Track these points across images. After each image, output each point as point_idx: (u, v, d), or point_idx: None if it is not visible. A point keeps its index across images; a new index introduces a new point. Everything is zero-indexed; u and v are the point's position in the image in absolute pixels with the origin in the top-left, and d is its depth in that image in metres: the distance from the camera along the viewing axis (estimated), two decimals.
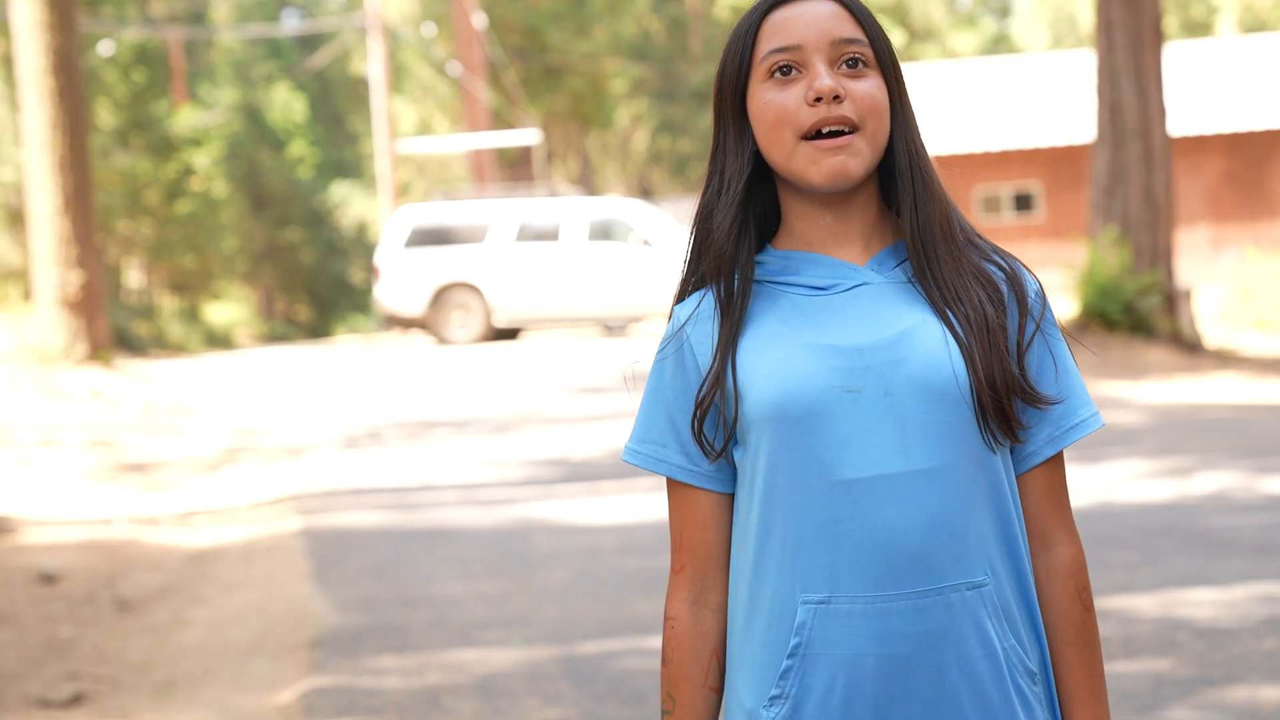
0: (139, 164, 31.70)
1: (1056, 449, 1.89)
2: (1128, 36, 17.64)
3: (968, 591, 1.82)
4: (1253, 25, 46.59)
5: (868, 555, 1.81)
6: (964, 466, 1.83)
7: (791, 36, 1.86)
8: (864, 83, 1.86)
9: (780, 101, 1.86)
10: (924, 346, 1.83)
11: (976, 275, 1.88)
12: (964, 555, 1.82)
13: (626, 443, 1.97)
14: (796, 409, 1.83)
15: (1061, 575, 1.89)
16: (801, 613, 1.82)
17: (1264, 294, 22.96)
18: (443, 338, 21.63)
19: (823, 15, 1.87)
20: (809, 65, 1.86)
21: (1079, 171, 28.83)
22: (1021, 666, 1.84)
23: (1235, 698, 4.85)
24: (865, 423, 1.82)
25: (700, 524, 1.92)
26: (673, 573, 1.94)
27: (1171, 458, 9.90)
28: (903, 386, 1.82)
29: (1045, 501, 1.90)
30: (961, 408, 1.83)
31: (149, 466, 11.02)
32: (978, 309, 1.85)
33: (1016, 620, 1.85)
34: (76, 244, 16.15)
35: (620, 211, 21.83)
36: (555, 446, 11.41)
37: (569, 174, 50.10)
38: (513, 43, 40.01)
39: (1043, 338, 1.89)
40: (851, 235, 1.91)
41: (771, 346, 1.86)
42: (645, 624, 6.10)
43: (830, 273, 1.89)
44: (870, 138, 1.86)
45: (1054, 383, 1.88)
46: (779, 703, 1.84)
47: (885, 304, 1.87)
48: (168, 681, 5.78)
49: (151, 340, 27.75)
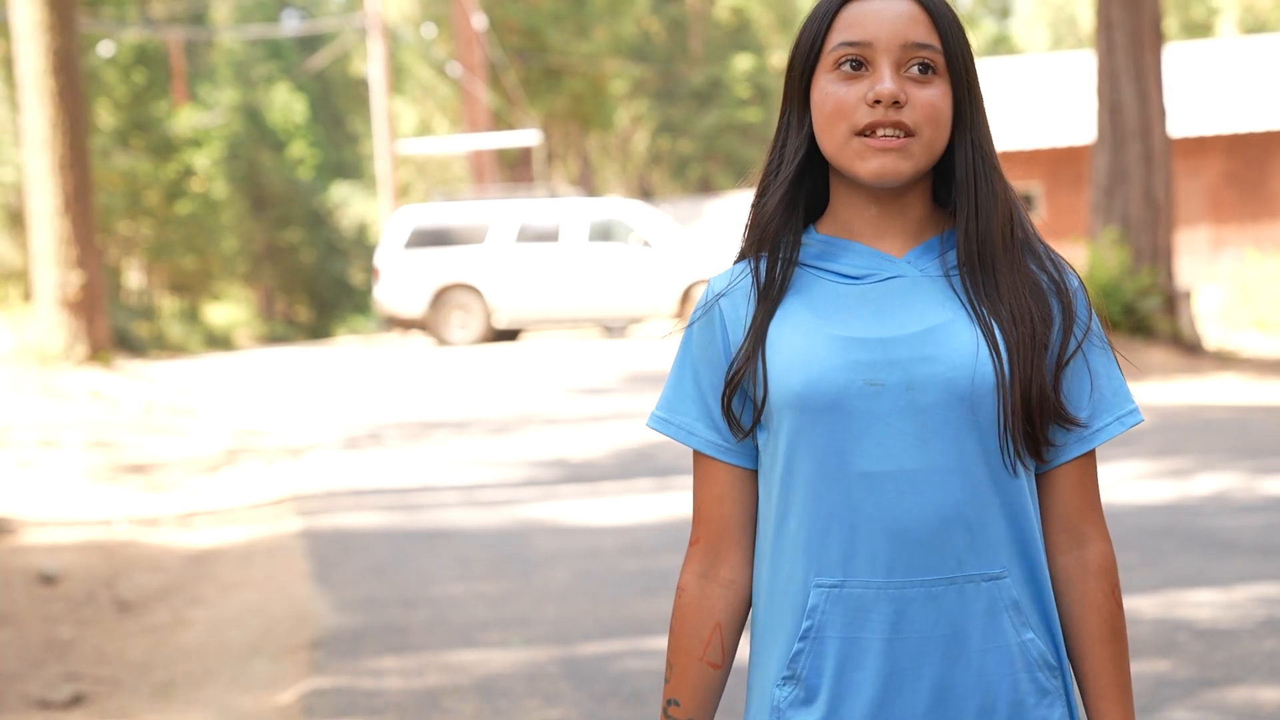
0: (139, 164, 31.70)
1: (1088, 447, 1.88)
2: (1128, 37, 17.64)
3: (984, 583, 1.82)
4: (1253, 26, 46.59)
5: (883, 542, 1.81)
6: (983, 464, 1.83)
7: (865, 32, 1.85)
8: (929, 90, 1.85)
9: (840, 95, 1.85)
10: (952, 345, 1.83)
11: (1030, 287, 1.87)
12: (981, 549, 1.82)
13: (654, 409, 1.98)
14: (817, 400, 1.83)
15: (1094, 571, 1.88)
16: (814, 596, 1.84)
17: (1264, 295, 22.96)
18: (443, 338, 21.62)
19: (899, 15, 1.85)
20: (876, 64, 1.84)
21: (1079, 172, 28.83)
22: (1041, 660, 1.84)
23: (1235, 699, 4.85)
24: (886, 416, 1.82)
25: (717, 497, 1.94)
26: (690, 543, 1.97)
27: (1171, 459, 9.89)
28: (926, 382, 1.82)
29: (1076, 498, 1.89)
30: (984, 411, 1.82)
31: (149, 467, 11.02)
32: (1027, 325, 1.84)
33: (1033, 615, 1.86)
34: (76, 244, 16.15)
35: (620, 212, 21.83)
36: (555, 447, 11.41)
37: (569, 175, 50.10)
38: (513, 43, 40.01)
39: (1083, 354, 1.88)
40: (895, 229, 1.90)
41: (799, 334, 1.86)
42: (646, 624, 6.10)
43: (866, 262, 1.89)
44: (926, 145, 1.85)
45: (1087, 402, 1.87)
46: (791, 683, 1.85)
47: (918, 298, 1.86)
48: (168, 682, 5.78)
49: (151, 341, 27.76)
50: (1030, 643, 1.84)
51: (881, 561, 1.81)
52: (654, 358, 17.53)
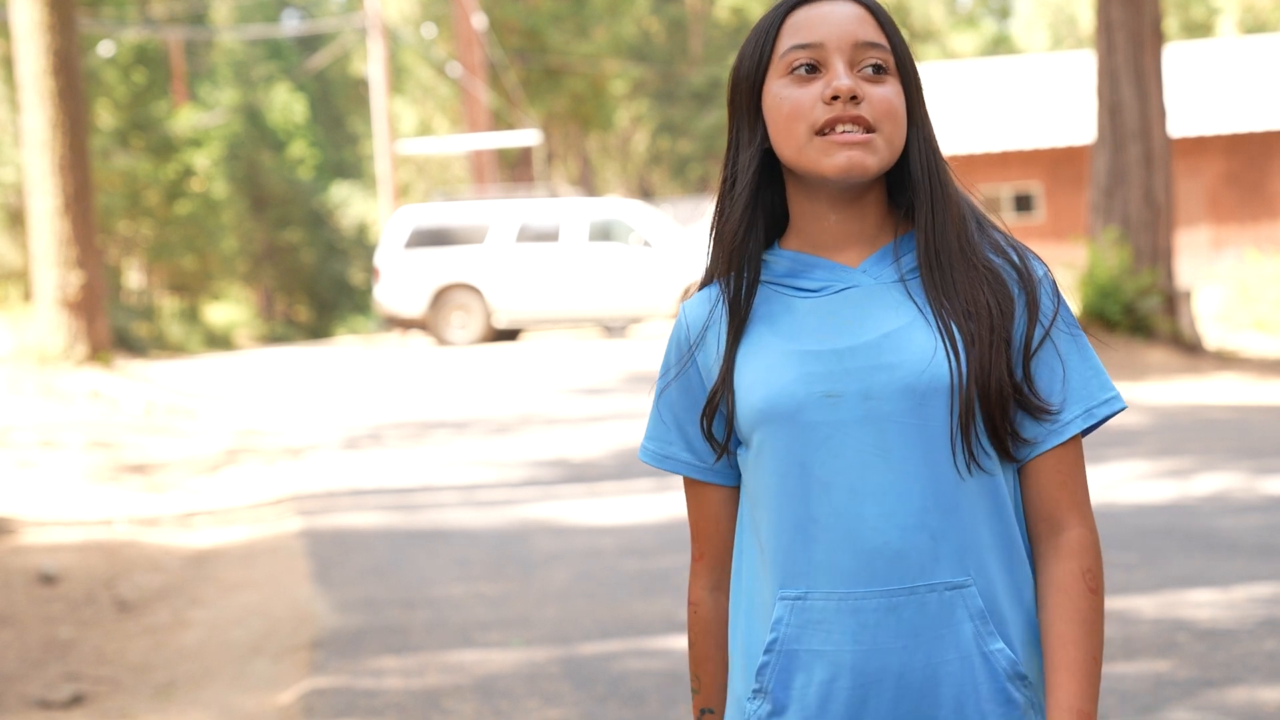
0: (139, 165, 31.70)
1: (1061, 438, 1.86)
2: (1128, 37, 17.64)
3: (946, 592, 1.81)
4: (1253, 26, 46.59)
5: (844, 553, 1.82)
6: (948, 470, 1.82)
7: (814, 34, 1.86)
8: (883, 88, 1.85)
9: (796, 97, 1.85)
10: (908, 350, 1.83)
11: (988, 279, 1.86)
12: (944, 556, 1.81)
13: (642, 441, 2.02)
14: (778, 415, 1.85)
15: (1065, 555, 1.85)
16: (779, 608, 1.85)
17: (1264, 295, 22.96)
18: (443, 339, 21.63)
19: (847, 17, 1.87)
20: (829, 64, 1.85)
21: (1079, 172, 28.83)
22: (1011, 671, 1.82)
23: (1235, 699, 4.85)
24: (844, 426, 1.82)
25: (713, 517, 1.98)
26: (693, 560, 2.00)
27: (1172, 459, 9.89)
28: (883, 390, 1.82)
29: (1054, 488, 1.87)
30: (942, 414, 1.82)
31: (149, 467, 11.02)
32: (985, 320, 1.83)
33: (1008, 624, 1.83)
34: (76, 245, 16.15)
35: (620, 212, 21.83)
36: (555, 447, 11.41)
37: (569, 175, 50.11)
38: (513, 44, 40.02)
39: (1051, 342, 1.86)
40: (854, 234, 1.90)
41: (762, 350, 1.88)
42: (645, 625, 6.10)
43: (825, 274, 1.90)
44: (888, 141, 1.85)
45: (1060, 389, 1.86)
46: (760, 697, 1.86)
47: (873, 306, 1.86)
48: (168, 682, 5.79)
49: (151, 341, 27.76)
50: (999, 653, 1.82)
51: (842, 573, 1.82)
52: (654, 358, 17.52)
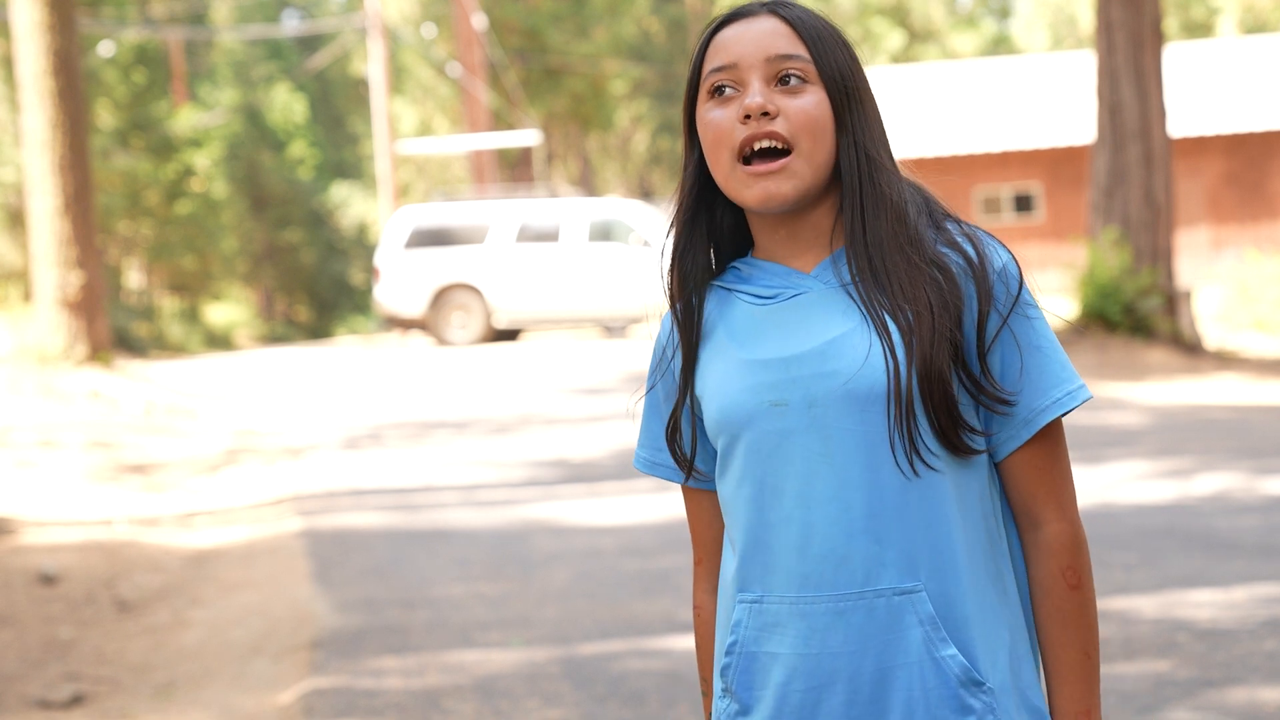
0: (139, 165, 31.70)
1: (1033, 431, 1.85)
2: (1128, 38, 17.64)
3: (895, 597, 1.81)
4: (1253, 26, 46.60)
5: (795, 558, 1.84)
6: (894, 475, 1.82)
7: (729, 55, 1.87)
8: (801, 99, 1.85)
9: (718, 120, 1.87)
10: (849, 356, 1.83)
11: (931, 277, 1.84)
12: (890, 562, 1.81)
13: (636, 449, 2.06)
14: (732, 425, 1.88)
15: (1045, 553, 1.87)
16: (738, 611, 1.89)
17: (1264, 295, 22.96)
18: (443, 339, 21.64)
19: (761, 33, 1.87)
20: (746, 83, 1.86)
21: (1079, 172, 28.84)
22: (965, 677, 1.81)
23: (1235, 699, 4.86)
24: (792, 434, 1.84)
25: (707, 522, 2.02)
26: (694, 564, 2.05)
27: (1172, 459, 9.89)
28: (826, 397, 1.83)
29: (1029, 483, 1.88)
30: (885, 416, 1.82)
31: (149, 467, 11.02)
32: (926, 319, 1.81)
33: (970, 627, 1.82)
34: (77, 245, 16.15)
35: (620, 213, 21.83)
36: (555, 447, 11.41)
37: (569, 175, 50.11)
38: (513, 44, 40.02)
39: (1009, 332, 1.85)
40: (809, 242, 1.91)
41: (720, 359, 1.91)
42: (645, 625, 6.10)
43: (779, 281, 1.91)
44: (807, 157, 1.85)
45: (1020, 381, 1.85)
46: (727, 695, 1.90)
47: (819, 313, 1.87)
48: (168, 682, 5.79)
49: (152, 341, 27.76)
50: (950, 659, 1.81)
51: (793, 577, 1.84)
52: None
